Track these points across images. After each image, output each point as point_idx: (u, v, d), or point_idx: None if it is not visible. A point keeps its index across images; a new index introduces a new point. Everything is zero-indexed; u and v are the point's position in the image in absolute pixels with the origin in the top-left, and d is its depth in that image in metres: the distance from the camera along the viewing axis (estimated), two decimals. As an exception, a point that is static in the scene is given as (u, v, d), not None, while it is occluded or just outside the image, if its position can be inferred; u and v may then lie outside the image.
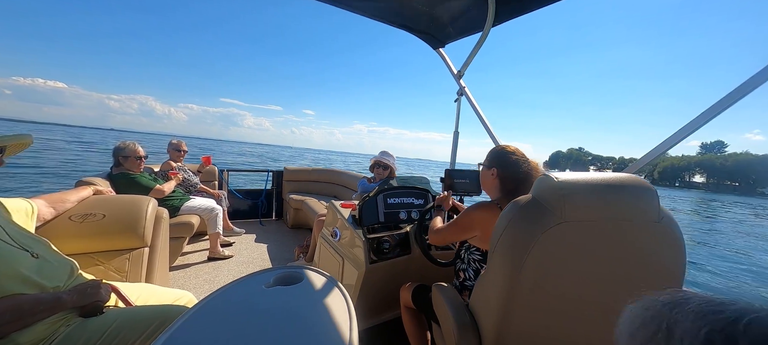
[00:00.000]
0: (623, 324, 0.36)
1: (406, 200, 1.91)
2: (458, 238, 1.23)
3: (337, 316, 0.77)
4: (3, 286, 0.82)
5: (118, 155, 2.46)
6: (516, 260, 0.72)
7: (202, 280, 2.40)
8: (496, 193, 1.21)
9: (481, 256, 1.16)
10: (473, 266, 1.18)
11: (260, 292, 0.86)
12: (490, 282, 0.83)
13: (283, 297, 0.84)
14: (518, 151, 1.20)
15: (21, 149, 1.01)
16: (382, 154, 2.73)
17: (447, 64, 2.25)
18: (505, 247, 0.76)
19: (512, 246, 0.74)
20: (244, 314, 0.75)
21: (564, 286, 0.72)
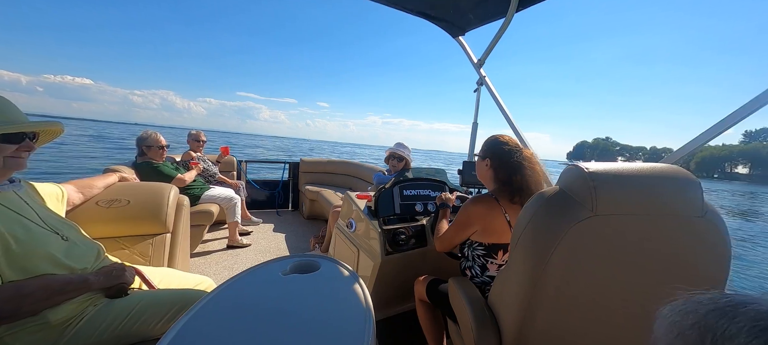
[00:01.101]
0: (659, 332, 0.31)
1: (422, 192, 1.88)
2: (461, 237, 1.19)
3: (354, 306, 0.75)
4: (35, 266, 0.86)
5: (142, 145, 2.54)
6: (540, 256, 0.68)
7: (222, 267, 2.46)
8: (491, 185, 1.19)
9: (484, 250, 1.13)
10: (478, 262, 1.15)
11: (277, 279, 0.86)
12: (511, 278, 0.79)
13: (299, 284, 0.83)
14: (512, 140, 1.17)
15: (52, 138, 1.04)
16: (397, 146, 2.70)
17: (467, 53, 2.18)
18: (528, 241, 0.72)
19: (536, 241, 0.70)
20: (262, 300, 0.75)
21: (594, 285, 0.67)
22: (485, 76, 2.08)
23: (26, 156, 0.93)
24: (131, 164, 2.49)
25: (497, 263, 1.10)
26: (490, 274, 1.12)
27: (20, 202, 0.93)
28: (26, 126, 0.90)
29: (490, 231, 1.11)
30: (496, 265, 1.11)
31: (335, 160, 4.47)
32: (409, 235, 1.67)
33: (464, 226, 1.15)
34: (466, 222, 1.14)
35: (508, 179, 1.11)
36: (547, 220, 0.69)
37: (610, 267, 0.66)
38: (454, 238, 1.21)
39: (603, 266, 0.66)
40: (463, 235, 1.17)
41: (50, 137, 1.04)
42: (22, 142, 0.90)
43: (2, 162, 0.87)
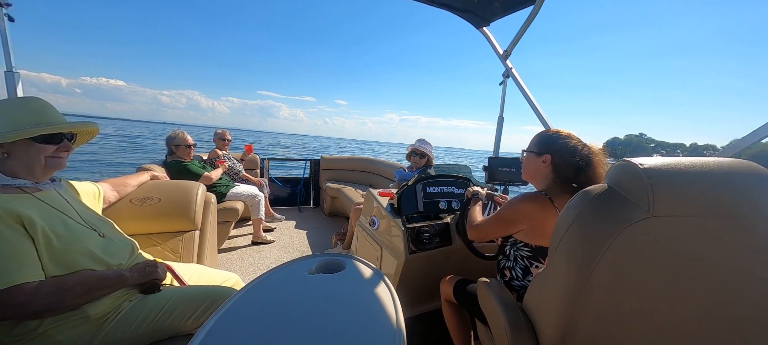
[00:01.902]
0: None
1: (446, 189, 1.83)
2: (502, 233, 1.13)
3: (382, 308, 0.73)
4: (75, 262, 0.89)
5: (171, 144, 2.64)
6: (586, 260, 0.62)
7: (247, 263, 2.52)
8: (545, 183, 1.10)
9: (530, 252, 1.06)
10: (521, 264, 1.08)
11: (303, 278, 0.85)
12: (550, 282, 0.74)
13: (325, 285, 0.82)
14: (572, 134, 1.08)
15: (89, 138, 1.08)
16: (418, 142, 2.65)
17: (492, 44, 2.10)
18: (571, 244, 0.66)
19: (581, 243, 0.64)
20: (289, 301, 0.73)
21: (647, 295, 0.60)
22: (512, 68, 1.99)
23: (65, 156, 0.97)
24: (161, 163, 2.58)
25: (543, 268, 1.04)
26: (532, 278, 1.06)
27: (61, 200, 0.97)
28: (65, 126, 0.93)
29: (538, 232, 1.03)
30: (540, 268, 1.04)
31: (356, 157, 4.47)
32: (434, 234, 1.63)
33: (509, 223, 1.08)
34: (512, 218, 1.07)
35: (575, 176, 1.02)
36: (594, 221, 0.63)
37: (668, 276, 0.59)
38: (493, 231, 1.14)
39: (659, 275, 0.59)
40: (505, 231, 1.10)
41: (87, 138, 1.08)
42: (61, 142, 0.93)
43: (44, 162, 0.91)
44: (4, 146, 0.85)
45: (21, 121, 0.86)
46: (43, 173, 0.94)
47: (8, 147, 0.86)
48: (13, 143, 0.85)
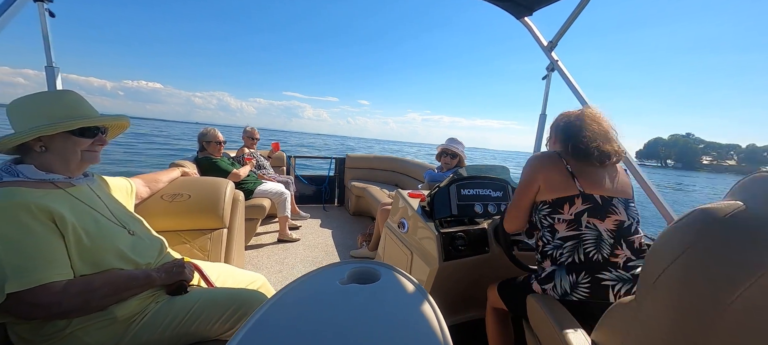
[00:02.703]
0: None
1: (482, 192, 1.69)
2: (526, 199, 1.12)
3: (424, 326, 0.63)
4: (103, 260, 0.86)
5: (202, 140, 2.68)
6: (705, 305, 0.48)
7: (273, 261, 2.51)
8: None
9: (549, 207, 1.06)
10: (547, 224, 1.07)
11: (335, 289, 0.77)
12: (642, 321, 0.59)
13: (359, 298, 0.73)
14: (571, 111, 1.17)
15: (120, 132, 1.07)
16: (449, 142, 2.52)
17: (534, 35, 1.93)
18: (681, 280, 0.51)
19: (702, 280, 0.49)
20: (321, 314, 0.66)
21: None
22: (558, 61, 1.82)
23: (99, 150, 0.95)
24: (192, 159, 2.63)
25: (565, 219, 1.02)
26: (560, 235, 1.03)
27: (92, 196, 0.95)
28: (100, 120, 0.91)
29: (553, 185, 1.05)
30: (564, 222, 1.02)
31: (381, 156, 4.40)
32: (470, 240, 1.51)
33: (527, 185, 1.10)
34: (527, 179, 1.09)
35: (575, 139, 1.07)
36: (726, 251, 0.48)
37: None
38: (520, 203, 1.13)
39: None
40: (528, 195, 1.11)
41: (118, 131, 1.06)
42: (96, 136, 0.92)
43: (80, 156, 0.90)
44: (43, 139, 0.84)
45: (58, 115, 0.84)
46: (78, 167, 0.92)
47: (47, 140, 0.84)
48: (52, 137, 0.84)
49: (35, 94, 0.86)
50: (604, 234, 0.97)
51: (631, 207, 1.03)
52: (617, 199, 1.01)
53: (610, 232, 0.98)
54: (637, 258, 0.97)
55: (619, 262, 0.96)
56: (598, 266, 0.96)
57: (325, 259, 2.64)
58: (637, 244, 0.98)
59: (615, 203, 1.00)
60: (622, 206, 1.00)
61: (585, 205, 0.99)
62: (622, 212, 0.99)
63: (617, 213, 0.99)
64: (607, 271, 0.95)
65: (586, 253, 0.97)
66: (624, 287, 0.93)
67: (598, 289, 0.94)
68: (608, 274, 0.95)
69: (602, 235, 0.97)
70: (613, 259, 0.96)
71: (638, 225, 1.02)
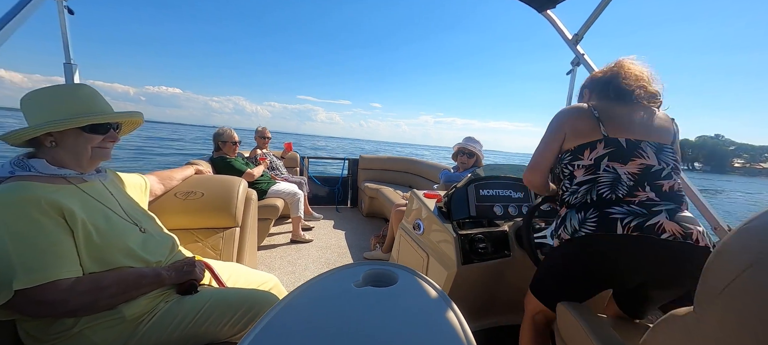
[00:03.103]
0: None
1: (501, 192, 1.61)
2: (551, 148, 1.09)
3: (447, 331, 0.57)
4: (113, 258, 0.84)
5: (218, 140, 2.70)
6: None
7: (286, 262, 2.49)
8: None
9: (571, 155, 1.04)
10: (567, 172, 1.06)
11: (349, 292, 0.71)
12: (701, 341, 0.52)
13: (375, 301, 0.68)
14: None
15: (133, 128, 1.06)
16: (466, 141, 2.44)
17: (558, 29, 1.84)
18: (757, 293, 0.44)
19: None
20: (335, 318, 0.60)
21: None
22: (584, 54, 1.72)
23: (111, 146, 0.93)
24: (208, 159, 2.65)
25: (584, 165, 1.00)
26: (577, 181, 1.01)
27: (104, 192, 0.94)
28: (112, 116, 0.89)
29: (577, 132, 1.02)
30: (582, 167, 1.01)
31: (395, 157, 4.34)
32: (490, 243, 1.43)
33: (552, 133, 1.08)
34: (553, 128, 1.08)
35: (616, 80, 1.04)
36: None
37: None
38: (543, 152, 1.11)
39: None
40: (551, 146, 1.08)
41: (132, 128, 1.05)
42: (108, 132, 0.90)
43: (90, 152, 0.88)
44: (54, 135, 0.82)
45: (70, 110, 0.82)
46: (90, 164, 0.91)
47: (57, 136, 0.83)
48: (62, 132, 0.83)
49: (49, 87, 0.85)
50: (623, 177, 0.93)
51: (667, 152, 0.97)
52: (647, 143, 0.96)
53: (631, 175, 0.93)
54: (662, 200, 0.90)
55: (636, 201, 0.91)
56: (610, 203, 0.93)
57: (337, 260, 2.60)
58: (666, 188, 0.92)
59: (643, 147, 0.95)
60: (653, 150, 0.95)
61: (607, 150, 0.96)
62: (652, 156, 0.94)
63: (644, 157, 0.94)
64: (618, 206, 0.91)
65: (599, 194, 0.95)
66: (635, 221, 0.87)
67: (605, 221, 0.91)
68: (619, 208, 0.91)
69: (621, 177, 0.94)
70: (629, 198, 0.91)
71: (674, 171, 0.96)
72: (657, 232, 0.84)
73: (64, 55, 1.40)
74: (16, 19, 1.07)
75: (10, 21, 1.06)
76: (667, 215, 0.86)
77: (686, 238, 0.83)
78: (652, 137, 0.97)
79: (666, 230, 0.84)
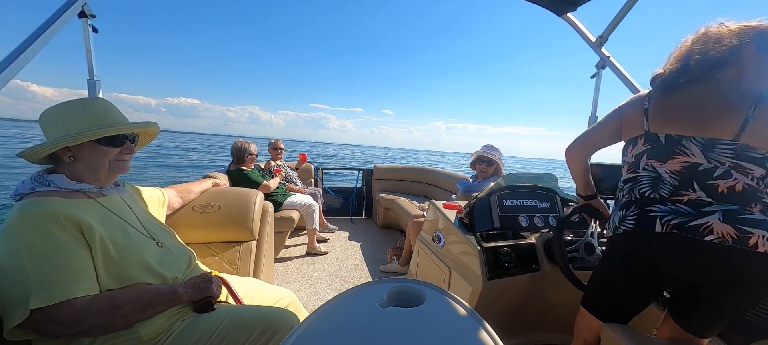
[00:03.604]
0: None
1: (526, 202, 1.53)
2: (604, 131, 1.04)
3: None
4: (130, 274, 0.82)
5: (244, 153, 2.72)
6: None
7: (301, 275, 2.45)
8: None
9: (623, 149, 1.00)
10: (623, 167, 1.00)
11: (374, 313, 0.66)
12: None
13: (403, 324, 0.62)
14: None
15: (150, 139, 1.05)
16: (485, 149, 2.37)
17: (580, 32, 1.77)
18: None
19: None
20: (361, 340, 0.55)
21: None
22: (609, 56, 1.64)
23: (129, 159, 0.93)
24: (225, 171, 2.67)
25: (628, 162, 0.97)
26: (624, 178, 0.99)
27: (123, 205, 0.93)
28: (127, 128, 0.89)
29: (629, 124, 0.97)
30: (627, 164, 0.98)
31: (410, 167, 4.29)
32: (516, 256, 1.35)
33: (611, 115, 1.02)
34: (615, 110, 1.01)
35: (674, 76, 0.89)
36: None
37: None
38: (595, 130, 1.06)
39: None
40: (606, 127, 1.03)
41: (149, 139, 1.05)
42: (124, 145, 0.89)
43: (108, 165, 0.87)
44: (71, 149, 0.82)
45: (85, 123, 0.82)
46: (108, 177, 0.90)
47: (75, 150, 0.83)
48: (79, 146, 0.82)
49: (65, 102, 0.85)
50: (664, 175, 0.87)
51: (721, 149, 0.80)
52: (692, 140, 0.83)
53: (673, 173, 0.86)
54: (718, 202, 0.80)
55: (683, 200, 0.83)
56: (653, 202, 0.88)
57: (353, 273, 2.54)
58: (723, 188, 0.80)
59: (685, 144, 0.84)
60: (699, 147, 0.82)
61: (646, 147, 0.91)
62: (698, 154, 0.83)
63: (686, 154, 0.84)
64: (662, 204, 0.86)
65: (641, 192, 0.91)
66: (676, 219, 0.81)
67: (644, 219, 0.86)
68: (662, 206, 0.85)
69: (662, 176, 0.88)
70: (675, 198, 0.84)
71: (737, 169, 0.80)
72: (701, 232, 0.77)
73: (88, 72, 1.44)
74: (43, 37, 1.10)
75: (38, 38, 1.09)
76: (721, 217, 0.77)
77: (738, 242, 0.74)
78: (703, 131, 0.82)
79: (714, 232, 0.77)
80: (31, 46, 1.06)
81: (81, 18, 1.35)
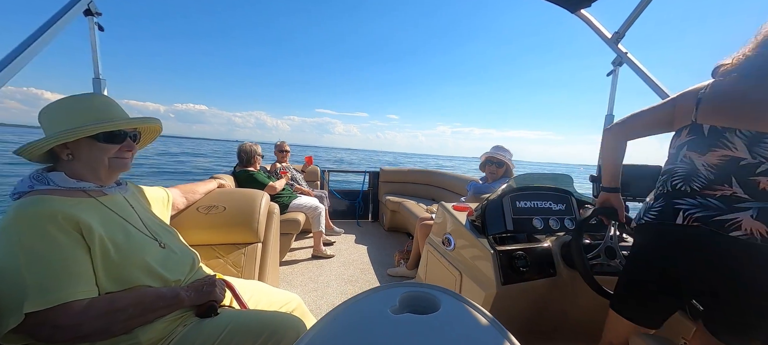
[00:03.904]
0: None
1: (540, 204, 1.47)
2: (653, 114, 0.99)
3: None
4: (130, 276, 0.79)
5: (254, 154, 2.71)
6: None
7: (307, 279, 2.41)
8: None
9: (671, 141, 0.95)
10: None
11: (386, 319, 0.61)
12: None
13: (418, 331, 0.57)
14: None
15: (153, 137, 1.02)
16: (495, 149, 2.31)
17: (594, 28, 1.71)
18: None
19: None
20: None
21: None
22: (627, 53, 1.58)
23: (129, 157, 0.90)
24: (230, 172, 2.65)
25: (670, 152, 0.94)
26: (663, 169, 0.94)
27: (125, 205, 0.90)
28: (125, 123, 0.85)
29: (679, 113, 0.91)
30: (669, 155, 0.94)
31: (416, 170, 4.24)
32: (532, 260, 1.29)
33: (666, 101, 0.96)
34: (671, 97, 0.96)
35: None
36: None
37: None
38: (643, 112, 1.01)
39: None
40: (657, 112, 0.98)
41: (151, 136, 1.02)
42: (124, 141, 0.86)
43: (107, 163, 0.84)
44: (70, 147, 0.79)
45: (83, 119, 0.79)
46: (108, 176, 0.87)
47: (73, 148, 0.80)
48: (77, 143, 0.79)
49: (64, 98, 0.82)
50: (700, 168, 0.83)
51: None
52: (737, 133, 0.78)
53: (710, 166, 0.82)
54: (755, 199, 0.75)
55: (716, 195, 0.78)
56: (682, 195, 0.85)
57: (360, 277, 2.49)
58: (764, 185, 0.75)
59: (728, 136, 0.79)
60: (744, 141, 0.77)
61: (688, 138, 0.87)
62: (741, 148, 0.78)
63: (728, 148, 0.79)
64: (691, 198, 0.83)
65: (673, 185, 0.88)
66: (700, 212, 0.77)
67: (666, 211, 0.85)
68: (690, 199, 0.82)
69: (698, 169, 0.84)
70: (707, 192, 0.80)
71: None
72: (727, 228, 0.73)
73: (93, 70, 1.43)
74: (48, 33, 1.08)
75: (43, 34, 1.07)
76: (755, 214, 0.73)
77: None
78: (751, 124, 0.78)
79: (742, 228, 0.72)
80: (36, 41, 1.05)
81: (87, 16, 1.35)
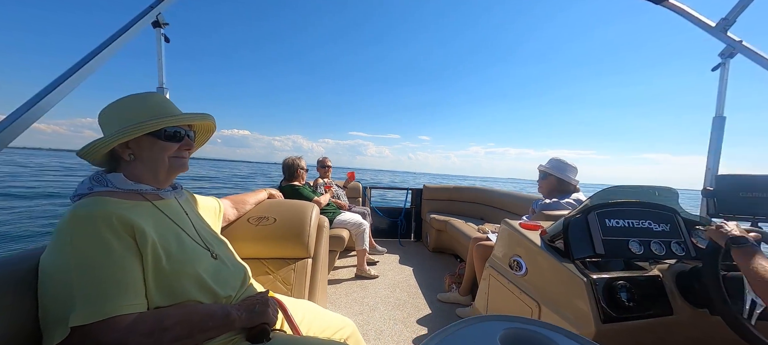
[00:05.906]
0: None
1: (637, 224, 1.20)
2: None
3: None
4: (182, 288, 0.70)
5: (298, 167, 2.70)
6: None
7: (352, 300, 2.26)
8: None
9: None
10: None
11: None
12: None
13: None
14: None
15: (207, 137, 0.98)
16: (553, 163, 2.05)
17: (691, 18, 1.46)
18: None
19: None
20: None
21: None
22: (741, 41, 1.31)
23: (188, 156, 0.85)
24: (277, 187, 2.65)
25: None
26: None
27: (179, 211, 0.84)
28: (184, 118, 0.80)
29: None
30: None
31: (462, 187, 4.00)
32: (638, 292, 1.03)
33: None
34: None
35: None
36: None
37: None
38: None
39: None
40: None
41: (206, 136, 0.97)
42: (183, 139, 0.81)
43: (167, 162, 0.79)
44: (131, 146, 0.75)
45: (143, 116, 0.75)
46: (167, 176, 0.82)
47: (134, 147, 0.76)
48: (139, 142, 0.75)
49: (121, 98, 0.79)
50: None
51: None
52: None
53: None
54: None
55: None
56: None
57: (408, 301, 2.29)
58: None
59: None
60: None
61: None
62: None
63: None
64: None
65: None
66: None
67: None
68: None
69: None
70: None
71: None
72: None
73: (158, 80, 1.48)
74: (117, 42, 1.12)
75: (112, 43, 1.11)
76: None
77: None
78: None
79: None
80: (105, 49, 1.08)
81: (155, 27, 1.41)
